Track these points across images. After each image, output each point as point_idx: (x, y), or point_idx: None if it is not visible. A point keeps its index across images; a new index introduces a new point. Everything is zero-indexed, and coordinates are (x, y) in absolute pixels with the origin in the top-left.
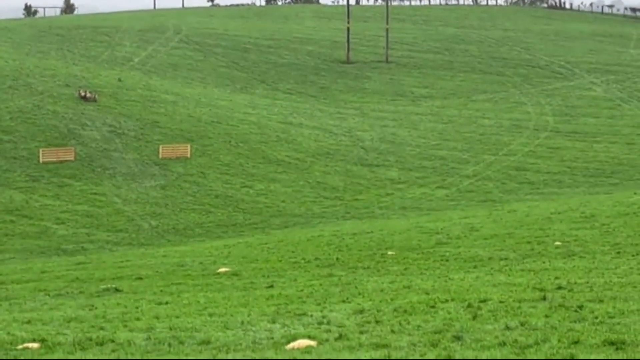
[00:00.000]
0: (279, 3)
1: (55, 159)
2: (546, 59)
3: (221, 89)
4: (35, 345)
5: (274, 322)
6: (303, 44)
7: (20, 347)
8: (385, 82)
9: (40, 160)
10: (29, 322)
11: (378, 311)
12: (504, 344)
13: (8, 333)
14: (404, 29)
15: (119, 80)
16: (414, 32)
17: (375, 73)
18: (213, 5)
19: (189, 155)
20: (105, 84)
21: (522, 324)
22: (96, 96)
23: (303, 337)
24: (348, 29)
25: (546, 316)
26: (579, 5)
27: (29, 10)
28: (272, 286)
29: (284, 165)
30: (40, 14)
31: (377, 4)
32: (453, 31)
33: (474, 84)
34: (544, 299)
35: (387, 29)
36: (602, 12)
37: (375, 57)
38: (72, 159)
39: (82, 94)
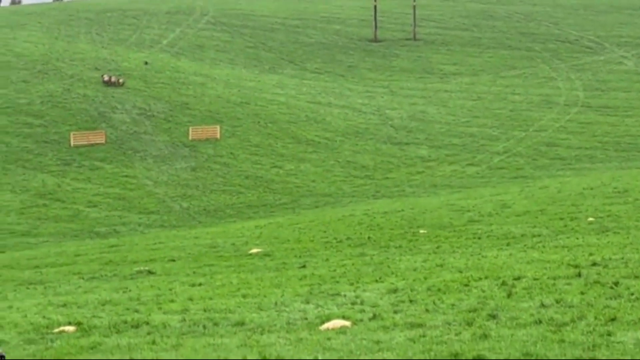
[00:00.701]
0: None
1: (86, 143)
2: (575, 34)
3: (249, 70)
4: (71, 328)
5: (307, 302)
6: (330, 23)
7: (56, 330)
8: (413, 59)
9: (72, 143)
10: (64, 305)
11: (412, 290)
12: (540, 321)
13: (44, 317)
14: (431, 6)
15: (146, 63)
16: (442, 8)
17: (403, 51)
18: None
19: (218, 137)
20: (134, 67)
21: (557, 301)
22: (121, 80)
23: (337, 317)
24: (375, 7)
25: (582, 293)
26: None
27: None
28: (304, 266)
29: (314, 145)
30: None
31: None
32: (480, 7)
33: (503, 60)
34: (579, 275)
35: (414, 6)
36: None
37: (402, 35)
38: (103, 142)
39: (106, 78)
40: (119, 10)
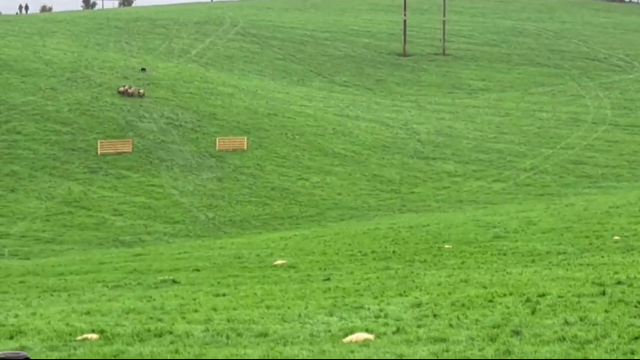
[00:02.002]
0: None
1: (113, 151)
2: (605, 52)
3: (278, 82)
4: (94, 336)
5: (331, 315)
6: (359, 36)
7: (79, 338)
8: (441, 74)
9: (99, 151)
10: (87, 313)
11: (436, 305)
12: (564, 339)
13: (67, 324)
14: (461, 22)
15: (143, 70)
16: (471, 24)
17: (432, 66)
18: None
19: (245, 148)
20: (163, 76)
21: (581, 319)
22: (141, 91)
23: (360, 330)
24: (404, 21)
25: (606, 311)
26: None
27: (87, 3)
28: (328, 279)
29: (340, 158)
30: (98, 6)
31: None
32: (510, 24)
33: (532, 77)
34: (604, 293)
35: (443, 21)
36: None
37: (431, 50)
38: (130, 150)
39: (122, 89)
40: (148, 19)
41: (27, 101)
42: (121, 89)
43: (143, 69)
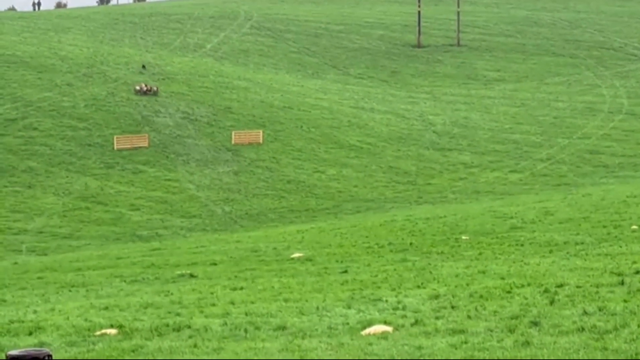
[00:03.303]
0: None
1: (129, 146)
2: (620, 41)
3: (292, 75)
4: (113, 331)
5: (349, 307)
6: (374, 28)
7: (98, 333)
8: (456, 65)
9: (115, 147)
10: (106, 308)
11: (453, 296)
12: (583, 329)
13: (86, 319)
14: (476, 12)
15: (143, 67)
16: (486, 15)
17: (447, 57)
18: None
19: (261, 141)
20: (178, 71)
21: (600, 309)
22: (155, 88)
23: (379, 322)
24: (419, 12)
25: (625, 301)
26: None
27: None
28: (346, 271)
29: (356, 150)
30: (113, 1)
31: None
32: (525, 13)
33: (547, 67)
34: (622, 283)
35: (458, 12)
36: None
37: (446, 41)
38: (146, 145)
39: (138, 88)
40: (163, 14)
41: (43, 97)
42: (137, 87)
43: (143, 67)
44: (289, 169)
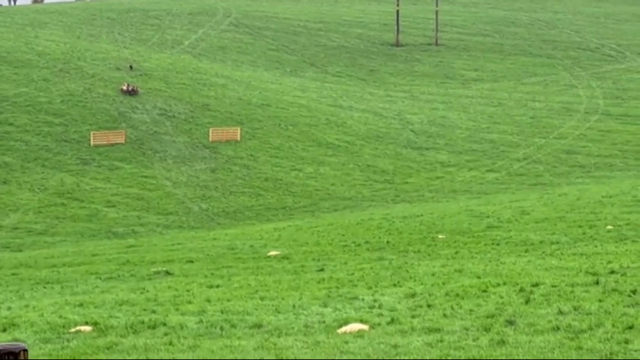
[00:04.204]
0: None
1: (106, 142)
2: (597, 42)
3: (271, 72)
4: (87, 328)
5: (325, 305)
6: (352, 26)
7: (73, 330)
8: (434, 65)
9: (91, 143)
10: (81, 305)
11: (430, 295)
12: (558, 328)
13: (60, 316)
14: (454, 12)
15: (131, 67)
16: (464, 14)
17: (425, 56)
18: None
19: (238, 138)
20: (156, 67)
21: (575, 309)
22: (137, 88)
23: (355, 320)
24: (397, 11)
25: (599, 300)
26: None
27: None
28: (322, 269)
29: (334, 148)
30: None
31: None
32: (503, 14)
33: (524, 67)
34: (597, 283)
35: (436, 12)
36: None
37: (424, 40)
38: (123, 142)
39: (124, 88)
40: (141, 10)
41: (19, 92)
42: (123, 88)
43: (131, 67)
44: (267, 167)
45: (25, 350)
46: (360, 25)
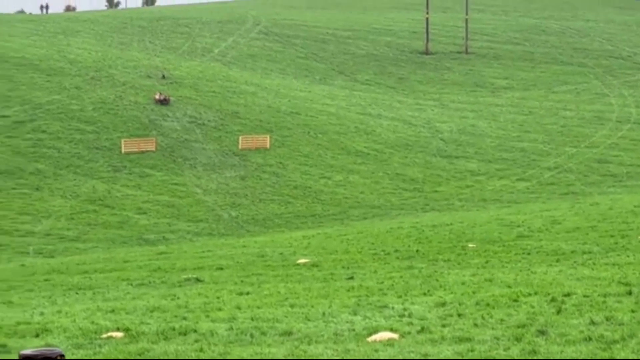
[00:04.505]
0: None
1: (136, 150)
2: (629, 50)
3: (300, 80)
4: (119, 334)
5: (355, 313)
6: (382, 34)
7: (104, 335)
8: (464, 73)
9: (122, 150)
10: (112, 311)
11: (460, 304)
12: (590, 339)
13: (92, 322)
14: (484, 20)
15: (163, 77)
16: (494, 22)
17: (455, 64)
18: None
19: (268, 146)
20: (186, 75)
21: (607, 319)
22: (170, 98)
23: (385, 329)
24: (427, 19)
25: (632, 311)
26: None
27: (111, 2)
28: (352, 278)
29: (363, 157)
30: (122, 5)
31: None
32: (533, 22)
33: (555, 75)
34: (630, 293)
35: (466, 20)
36: None
37: (454, 48)
38: (153, 149)
39: (157, 97)
40: (171, 18)
41: (51, 100)
42: (156, 97)
43: (163, 76)
44: (296, 175)
45: (61, 355)
46: (390, 33)
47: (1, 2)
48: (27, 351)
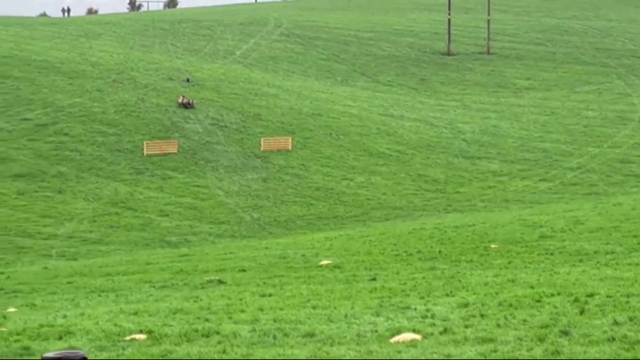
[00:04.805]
0: None
1: (158, 152)
2: None
3: (322, 82)
4: (142, 336)
5: (377, 315)
6: (403, 35)
7: (127, 338)
8: (486, 73)
9: (144, 152)
10: (135, 313)
11: (483, 305)
12: (613, 339)
13: (115, 324)
14: (505, 20)
15: (187, 80)
16: (516, 23)
17: (477, 65)
18: None
19: (290, 148)
20: (208, 78)
21: (630, 319)
22: (193, 101)
23: (407, 330)
24: (449, 20)
25: None
26: None
27: (133, 5)
28: (374, 279)
29: (385, 158)
30: (144, 8)
31: None
32: (555, 22)
33: (577, 75)
34: None
35: (488, 20)
36: None
37: (476, 49)
38: (175, 151)
39: (180, 101)
40: (193, 21)
41: (73, 103)
42: (180, 100)
43: (187, 80)
44: (318, 176)
45: (85, 358)
46: (411, 34)
47: (23, 5)
48: (50, 354)
